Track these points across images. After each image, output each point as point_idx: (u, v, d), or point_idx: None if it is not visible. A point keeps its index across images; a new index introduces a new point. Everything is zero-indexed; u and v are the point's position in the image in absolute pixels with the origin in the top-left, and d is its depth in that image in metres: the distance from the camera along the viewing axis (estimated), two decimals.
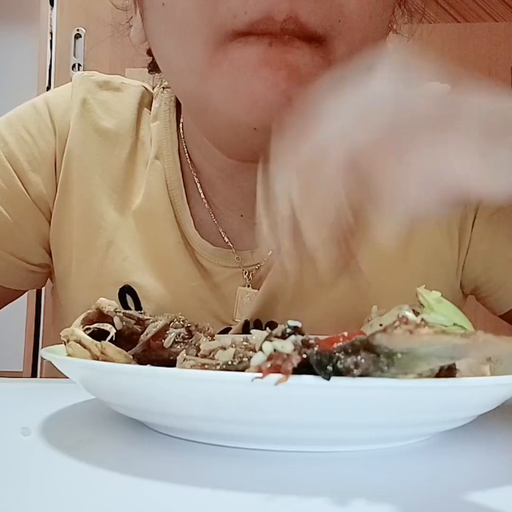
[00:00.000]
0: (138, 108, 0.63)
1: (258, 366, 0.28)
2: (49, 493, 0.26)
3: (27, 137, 0.61)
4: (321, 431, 0.30)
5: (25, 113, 0.63)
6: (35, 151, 0.61)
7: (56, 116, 0.62)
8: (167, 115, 0.62)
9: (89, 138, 0.61)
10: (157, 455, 0.31)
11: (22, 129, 0.61)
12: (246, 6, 0.43)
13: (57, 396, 0.45)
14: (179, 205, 0.60)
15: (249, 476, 0.28)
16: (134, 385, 0.31)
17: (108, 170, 0.61)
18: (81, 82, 0.64)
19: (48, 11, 1.94)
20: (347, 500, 0.25)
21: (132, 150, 0.62)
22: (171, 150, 0.61)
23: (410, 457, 0.31)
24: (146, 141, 0.62)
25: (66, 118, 0.62)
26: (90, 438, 0.34)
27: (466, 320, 0.38)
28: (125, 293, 0.58)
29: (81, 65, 1.92)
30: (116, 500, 0.25)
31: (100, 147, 0.61)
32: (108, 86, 0.64)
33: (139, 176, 0.61)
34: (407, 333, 0.26)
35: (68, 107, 0.62)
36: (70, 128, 0.61)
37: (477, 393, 0.30)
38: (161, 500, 0.25)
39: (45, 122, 0.62)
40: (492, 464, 0.31)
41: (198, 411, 0.30)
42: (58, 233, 0.61)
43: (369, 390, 0.28)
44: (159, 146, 0.61)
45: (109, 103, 0.63)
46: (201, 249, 0.59)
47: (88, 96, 0.63)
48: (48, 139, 0.61)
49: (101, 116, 0.62)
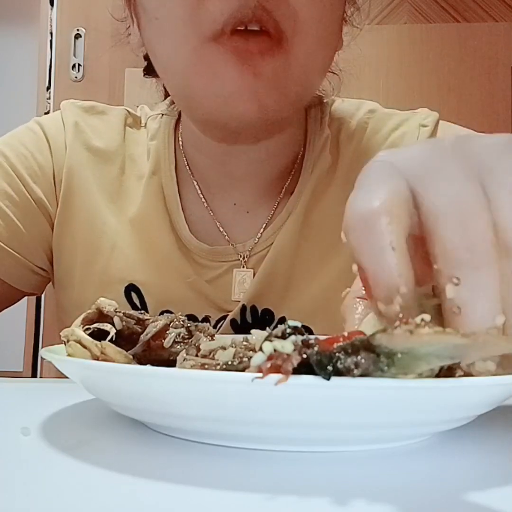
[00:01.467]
0: (123, 129, 0.70)
1: (258, 366, 0.28)
2: (49, 493, 0.26)
3: (26, 152, 0.67)
4: (321, 431, 0.30)
5: (20, 133, 0.69)
6: (34, 165, 0.66)
7: (51, 136, 0.68)
8: (166, 137, 0.69)
9: (84, 155, 0.68)
10: (157, 455, 0.31)
11: (20, 146, 0.67)
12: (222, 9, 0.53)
13: (57, 396, 0.45)
14: (175, 213, 0.66)
15: (249, 476, 0.28)
16: (134, 385, 0.31)
17: (102, 184, 0.67)
18: (69, 107, 0.70)
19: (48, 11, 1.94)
20: (347, 500, 0.25)
21: (122, 166, 0.68)
22: (168, 166, 0.67)
23: (410, 457, 0.31)
24: (136, 158, 0.69)
25: (60, 138, 0.68)
26: (90, 438, 0.34)
27: None
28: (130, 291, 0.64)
29: (81, 65, 1.93)
30: (116, 500, 0.25)
31: (93, 164, 0.68)
32: (94, 110, 0.71)
33: (132, 188, 0.67)
34: (407, 333, 0.26)
35: (60, 128, 0.68)
36: (67, 147, 0.67)
37: (477, 393, 0.30)
38: (161, 500, 0.25)
39: (41, 140, 0.68)
40: (492, 464, 0.31)
41: (198, 411, 0.30)
42: (60, 239, 0.67)
43: (369, 390, 0.28)
44: (156, 162, 0.67)
45: (97, 126, 0.70)
46: (198, 251, 0.65)
47: (78, 119, 0.69)
48: (45, 154, 0.67)
49: (92, 137, 0.69)
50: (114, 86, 1.90)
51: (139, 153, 0.69)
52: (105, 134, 0.69)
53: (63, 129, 0.68)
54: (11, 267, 0.66)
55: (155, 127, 0.70)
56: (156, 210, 0.66)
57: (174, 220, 0.65)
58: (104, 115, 0.71)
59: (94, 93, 1.89)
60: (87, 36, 1.92)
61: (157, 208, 0.66)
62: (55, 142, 0.68)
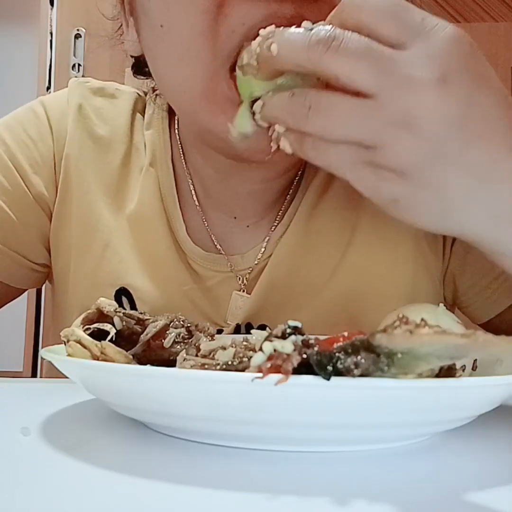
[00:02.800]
0: (131, 114, 0.65)
1: (258, 366, 0.28)
2: (49, 493, 0.26)
3: (28, 141, 0.62)
4: (321, 431, 0.30)
5: (24, 116, 0.64)
6: (35, 154, 0.62)
7: (54, 121, 0.63)
8: (160, 123, 0.64)
9: (84, 144, 0.63)
10: (157, 455, 0.31)
11: (23, 133, 0.63)
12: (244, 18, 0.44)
13: (57, 396, 0.45)
14: (172, 211, 0.61)
15: (249, 476, 0.28)
16: (134, 385, 0.31)
17: (101, 176, 0.62)
18: (76, 87, 0.65)
19: (48, 11, 1.94)
20: (347, 500, 0.25)
21: (126, 156, 0.63)
22: (164, 158, 0.63)
23: (410, 457, 0.31)
24: (140, 147, 0.64)
25: (63, 122, 0.63)
26: (90, 438, 0.34)
27: None
28: (121, 295, 0.59)
29: (81, 65, 1.93)
30: (116, 500, 0.25)
31: (94, 154, 0.63)
32: (103, 92, 0.66)
33: (133, 181, 0.62)
34: (407, 333, 0.26)
35: (65, 111, 0.64)
36: (68, 133, 0.63)
37: (477, 393, 0.30)
38: (160, 500, 0.25)
39: (44, 126, 0.63)
40: (492, 464, 0.31)
41: (198, 411, 0.30)
42: (57, 234, 0.63)
43: (369, 390, 0.28)
44: (153, 153, 0.63)
45: (103, 109, 0.64)
46: (193, 254, 0.61)
47: (83, 101, 0.64)
48: (47, 142, 0.63)
49: (96, 123, 0.64)
50: None
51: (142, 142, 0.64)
52: (111, 119, 0.64)
53: (67, 113, 0.63)
54: (8, 267, 0.62)
55: (149, 113, 0.65)
56: (152, 206, 0.61)
57: (171, 218, 0.61)
58: (113, 98, 0.66)
59: None
60: (87, 36, 1.92)
61: (154, 204, 0.61)
62: (58, 128, 0.63)
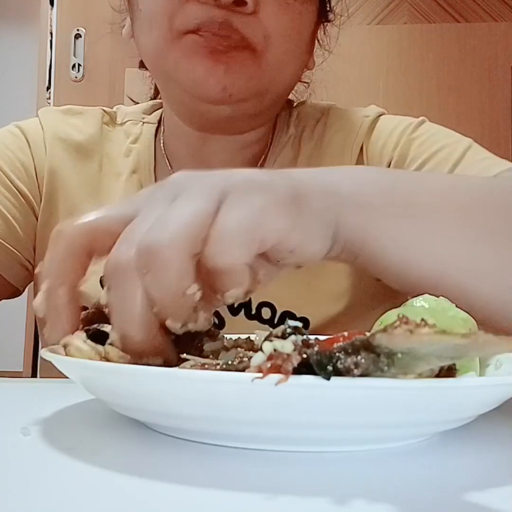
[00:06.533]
0: (100, 127, 0.75)
1: (258, 366, 0.28)
2: (49, 493, 0.26)
3: (8, 152, 0.71)
4: (321, 431, 0.30)
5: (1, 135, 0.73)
6: (16, 162, 0.71)
7: (29, 136, 0.72)
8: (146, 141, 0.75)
9: (64, 154, 0.72)
10: (157, 455, 0.31)
11: (2, 146, 0.71)
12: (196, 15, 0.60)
13: (57, 396, 0.45)
14: None
15: (249, 476, 0.28)
16: (134, 385, 0.31)
17: (83, 180, 0.72)
18: (46, 111, 0.76)
19: (48, 11, 1.94)
20: (347, 500, 0.25)
21: (100, 164, 0.73)
22: (148, 166, 0.73)
23: (410, 457, 0.31)
24: (113, 156, 0.74)
25: (38, 138, 0.72)
26: (90, 438, 0.34)
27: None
28: None
29: (81, 65, 1.92)
30: (115, 500, 0.25)
31: (74, 161, 0.72)
32: (71, 112, 0.76)
33: (110, 186, 0.72)
34: (407, 333, 0.26)
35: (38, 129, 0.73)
36: (47, 147, 0.72)
37: (477, 393, 0.30)
38: (161, 500, 0.25)
39: (22, 141, 0.72)
40: (492, 464, 0.31)
41: (198, 411, 0.30)
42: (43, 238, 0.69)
43: (369, 390, 0.28)
44: (137, 162, 0.73)
45: (77, 123, 0.75)
46: None
47: (57, 120, 0.74)
48: (26, 153, 0.71)
49: (72, 133, 0.74)
50: (114, 86, 1.90)
51: (116, 151, 0.74)
52: (85, 130, 0.74)
53: (41, 131, 0.73)
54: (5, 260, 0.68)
55: (137, 132, 0.75)
56: None
57: None
58: (81, 114, 0.76)
59: (94, 93, 1.89)
60: (87, 36, 1.92)
61: None
62: (34, 142, 0.72)
